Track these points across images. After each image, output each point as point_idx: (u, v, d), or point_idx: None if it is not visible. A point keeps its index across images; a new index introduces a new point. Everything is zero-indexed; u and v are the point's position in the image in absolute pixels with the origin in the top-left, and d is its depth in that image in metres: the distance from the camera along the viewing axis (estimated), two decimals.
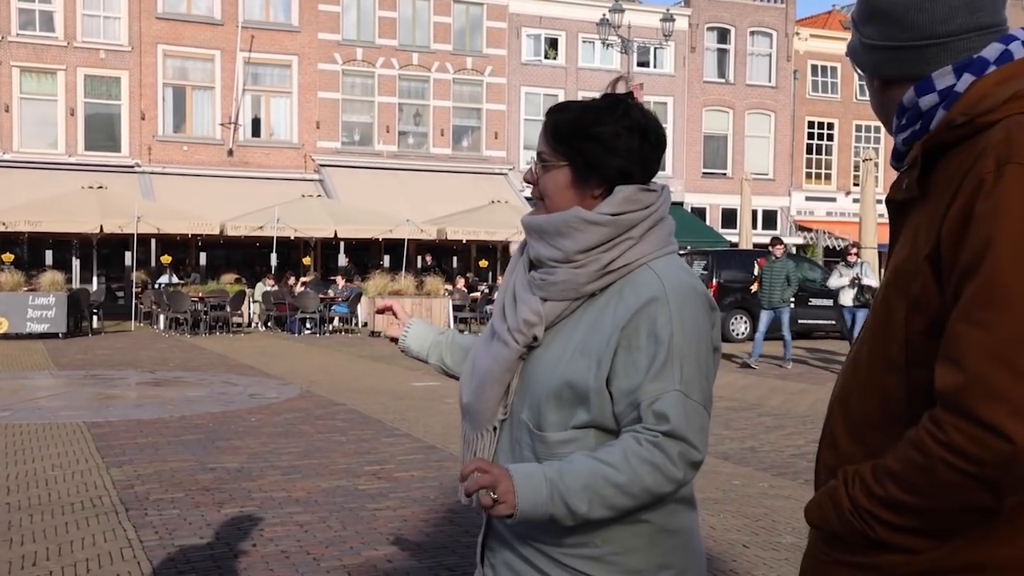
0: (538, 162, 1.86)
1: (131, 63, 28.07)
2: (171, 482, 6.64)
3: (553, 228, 1.80)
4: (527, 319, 1.80)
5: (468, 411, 1.92)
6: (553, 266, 1.80)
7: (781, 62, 36.03)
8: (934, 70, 1.45)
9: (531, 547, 1.82)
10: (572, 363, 1.75)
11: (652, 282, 1.74)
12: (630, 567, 1.77)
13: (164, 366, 14.41)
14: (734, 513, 6.00)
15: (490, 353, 1.88)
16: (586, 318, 1.78)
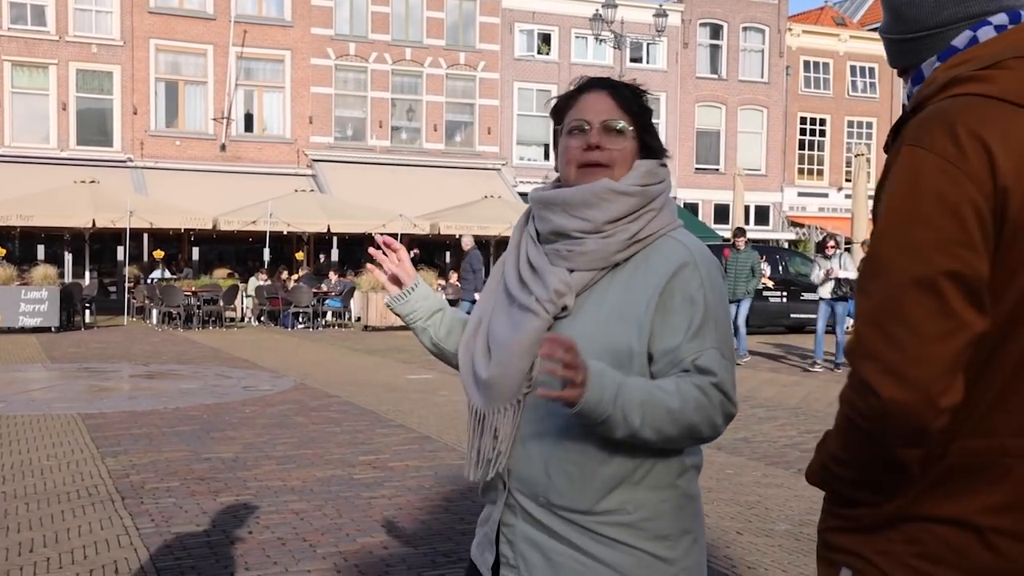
0: (605, 129, 1.86)
1: (123, 57, 28.01)
2: (166, 471, 6.66)
3: (580, 200, 1.83)
4: (557, 289, 1.81)
5: (488, 386, 1.87)
6: (579, 237, 1.83)
7: (773, 58, 36.09)
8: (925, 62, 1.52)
9: (560, 518, 1.81)
10: (612, 329, 1.79)
11: (679, 249, 1.83)
12: (659, 532, 1.82)
13: (157, 359, 14.41)
14: (728, 501, 6.03)
15: (514, 325, 1.85)
16: (614, 286, 1.82)
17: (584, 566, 1.80)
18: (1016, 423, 1.38)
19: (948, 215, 1.33)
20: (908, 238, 1.35)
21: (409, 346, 16.73)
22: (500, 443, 1.85)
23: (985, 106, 1.37)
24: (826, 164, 37.31)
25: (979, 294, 1.33)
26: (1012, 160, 1.33)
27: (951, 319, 1.32)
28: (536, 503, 1.83)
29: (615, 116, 1.86)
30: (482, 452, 1.89)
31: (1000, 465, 1.38)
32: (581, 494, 1.78)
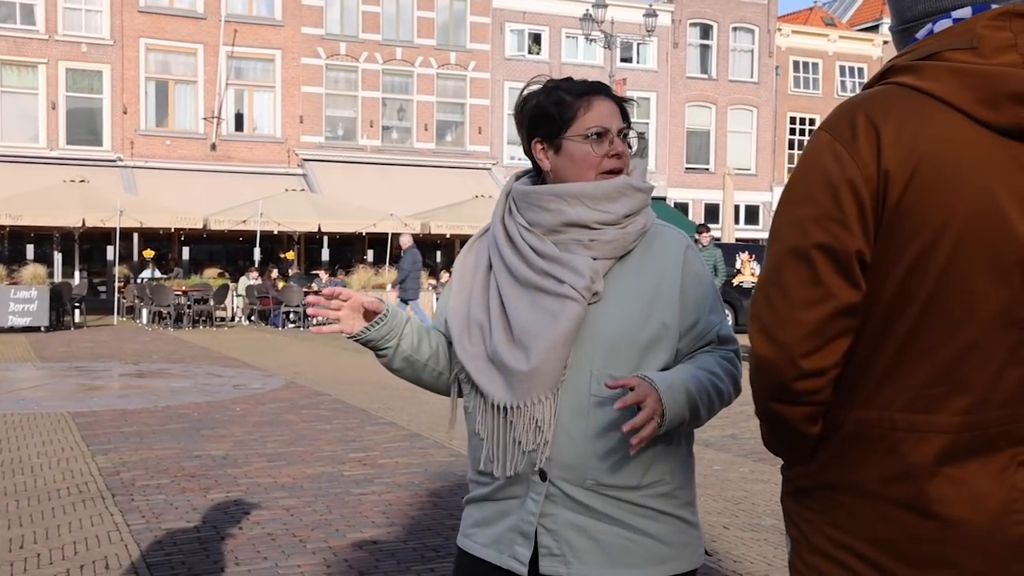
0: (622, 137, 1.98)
1: (113, 57, 27.95)
2: (157, 469, 6.68)
3: (602, 194, 1.92)
4: (592, 276, 1.89)
5: (529, 377, 1.86)
6: (599, 228, 1.91)
7: (763, 58, 36.19)
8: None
9: (607, 498, 1.87)
10: (648, 309, 1.90)
11: (676, 235, 2.02)
12: (687, 499, 1.97)
13: (148, 358, 14.40)
14: (715, 496, 6.08)
15: (550, 314, 1.87)
16: (627, 273, 1.93)
17: (631, 540, 1.88)
18: (904, 398, 1.43)
19: (828, 192, 1.43)
20: (795, 212, 1.47)
21: None
22: (544, 433, 1.86)
23: (895, 95, 1.44)
24: None
25: (848, 268, 1.43)
26: (899, 148, 1.39)
27: (819, 288, 1.43)
28: (583, 487, 1.86)
29: (624, 125, 1.98)
30: (522, 445, 1.88)
31: (891, 437, 1.44)
32: (631, 470, 1.87)
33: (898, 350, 1.43)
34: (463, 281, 2.03)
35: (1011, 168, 1.39)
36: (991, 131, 1.39)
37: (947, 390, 1.41)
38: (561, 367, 1.86)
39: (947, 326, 1.40)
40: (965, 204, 1.37)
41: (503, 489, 1.94)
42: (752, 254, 21.94)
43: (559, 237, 1.92)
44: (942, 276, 1.39)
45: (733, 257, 21.74)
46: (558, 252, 1.90)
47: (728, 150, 35.50)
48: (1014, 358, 1.41)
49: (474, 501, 2.03)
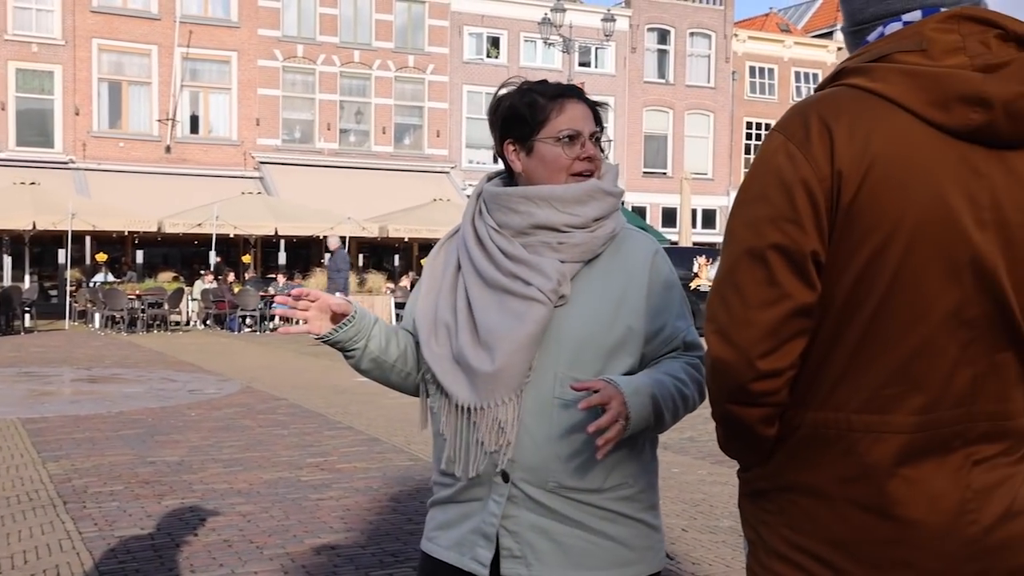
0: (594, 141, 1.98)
1: (65, 57, 27.52)
2: (110, 475, 6.57)
3: (572, 196, 1.92)
4: (559, 279, 1.89)
5: (493, 379, 1.87)
6: (567, 231, 1.91)
7: (720, 63, 36.52)
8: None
9: (569, 500, 1.86)
10: (614, 313, 1.90)
11: (645, 240, 2.00)
12: (650, 502, 1.97)
13: (100, 363, 14.18)
14: (673, 499, 6.10)
15: (516, 316, 1.87)
16: (595, 276, 1.93)
17: (592, 543, 1.88)
18: (860, 399, 1.44)
19: (782, 193, 1.42)
20: (750, 213, 1.46)
21: None
22: (507, 434, 1.86)
23: (847, 96, 1.45)
24: None
25: (804, 268, 1.42)
26: (852, 148, 1.40)
27: (775, 288, 1.42)
28: (545, 489, 1.86)
29: (597, 128, 1.98)
30: (484, 445, 1.88)
31: (847, 438, 1.44)
32: (594, 473, 1.86)
33: (853, 351, 1.43)
34: (432, 281, 2.03)
35: (961, 169, 1.40)
36: (941, 132, 1.40)
37: (902, 390, 1.41)
38: (525, 369, 1.86)
39: (901, 326, 1.41)
40: (917, 205, 1.38)
41: (466, 491, 1.94)
42: (709, 258, 22.10)
43: (528, 239, 1.92)
44: (895, 276, 1.40)
45: (690, 261, 21.90)
46: (526, 254, 1.90)
47: (685, 154, 35.76)
48: (965, 357, 1.42)
49: (438, 504, 2.02)
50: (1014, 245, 1.42)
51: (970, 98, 1.39)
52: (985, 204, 1.40)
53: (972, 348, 1.42)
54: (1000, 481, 1.45)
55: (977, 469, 1.44)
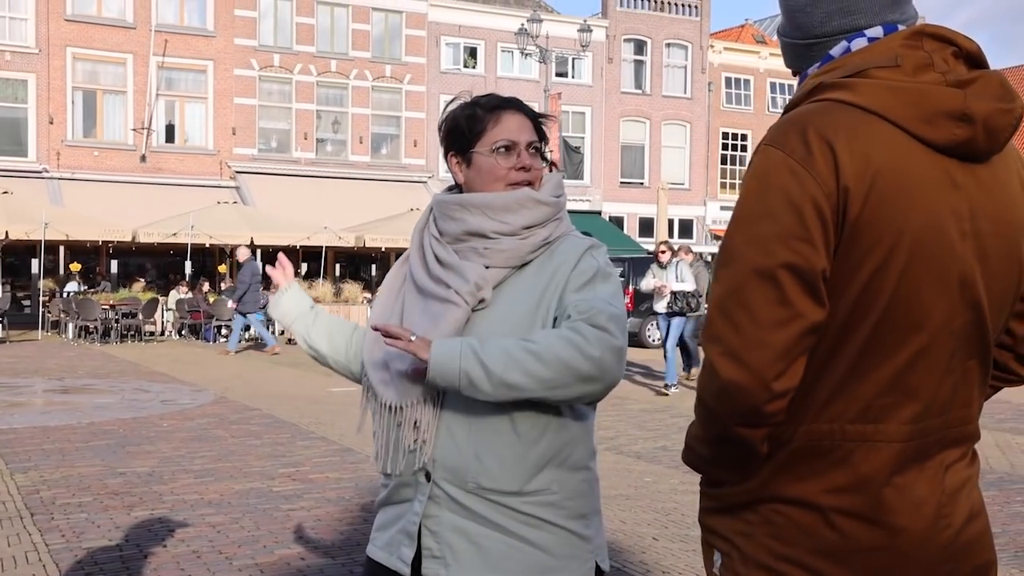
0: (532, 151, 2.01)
1: (38, 66, 27.33)
2: (79, 487, 6.51)
3: (502, 205, 1.96)
4: (477, 282, 1.92)
5: (408, 379, 1.93)
6: (495, 237, 1.95)
7: (696, 74, 36.72)
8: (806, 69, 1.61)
9: (488, 502, 1.88)
10: (527, 320, 1.90)
11: (578, 242, 2.00)
12: (579, 511, 1.94)
13: (72, 374, 14.06)
14: (645, 508, 6.11)
15: (433, 317, 1.93)
16: (522, 282, 1.95)
17: (512, 547, 1.88)
18: (855, 410, 1.46)
19: (790, 211, 1.41)
20: (755, 230, 1.43)
21: None
22: (423, 432, 1.92)
23: (839, 111, 1.45)
24: None
25: (815, 286, 1.41)
26: (855, 163, 1.41)
27: (787, 308, 1.40)
28: (464, 489, 1.89)
29: (536, 138, 2.01)
30: (401, 445, 1.95)
31: (841, 449, 1.46)
32: (513, 475, 1.87)
33: (852, 363, 1.44)
34: (387, 288, 2.12)
35: (944, 182, 1.44)
36: (925, 147, 1.43)
37: (897, 400, 1.44)
38: None
39: (898, 337, 1.43)
40: (914, 218, 1.41)
41: (398, 491, 2.01)
42: None
43: (460, 246, 1.98)
44: (896, 289, 1.41)
45: None
46: (454, 259, 1.97)
47: (662, 165, 35.90)
48: (951, 366, 1.47)
49: (380, 506, 2.09)
50: (988, 255, 1.47)
51: (955, 114, 1.42)
52: (965, 216, 1.44)
53: (955, 357, 1.47)
54: (963, 484, 1.51)
55: (948, 473, 1.49)
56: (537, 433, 1.88)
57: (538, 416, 1.88)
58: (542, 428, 1.88)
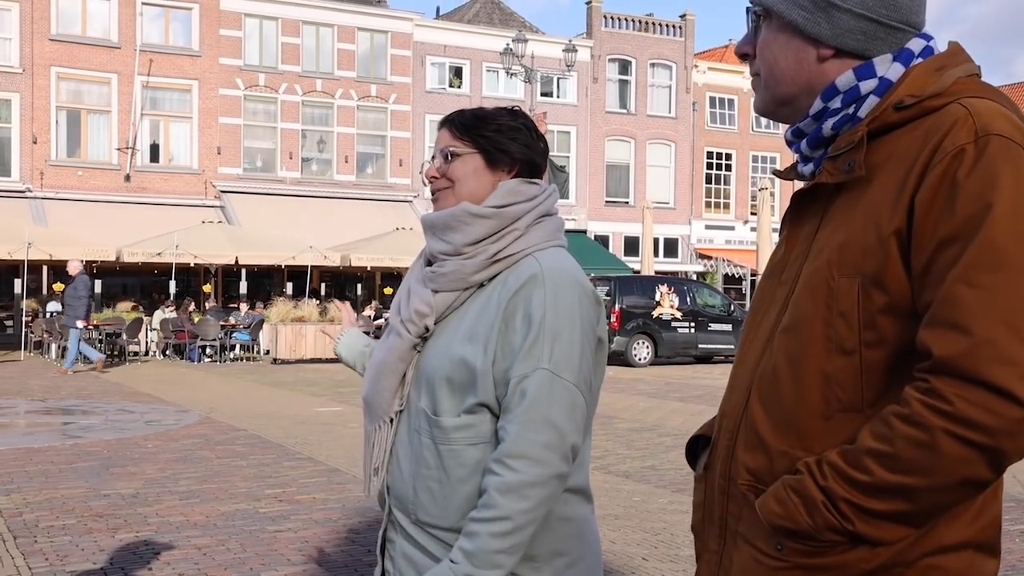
0: (442, 156, 1.94)
1: (22, 85, 27.25)
2: (62, 509, 6.44)
3: (442, 223, 1.89)
4: (418, 310, 1.88)
5: (367, 404, 1.97)
6: (443, 259, 1.89)
7: (680, 94, 36.92)
8: (878, 55, 1.44)
9: (428, 535, 1.84)
10: (461, 348, 1.80)
11: (531, 266, 1.81)
12: (527, 553, 1.77)
13: (56, 394, 13.94)
14: (635, 528, 6.09)
15: (386, 345, 1.95)
16: (474, 306, 1.85)
17: None
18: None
19: None
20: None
21: (318, 379, 16.52)
22: (376, 459, 1.94)
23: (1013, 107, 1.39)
24: (732, 198, 38.20)
25: None
26: None
27: None
28: (409, 519, 1.87)
29: (447, 143, 1.94)
30: (366, 467, 1.99)
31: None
32: (444, 511, 1.80)
33: None
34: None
35: None
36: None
37: None
38: (387, 398, 1.91)
39: None
40: None
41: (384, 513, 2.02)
42: (671, 286, 22.24)
43: (427, 269, 1.95)
44: None
45: (653, 289, 22.02)
46: (414, 285, 1.95)
47: (647, 184, 36.03)
48: None
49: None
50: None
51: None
52: None
53: None
54: None
55: None
56: (465, 472, 1.78)
57: (465, 453, 1.78)
58: (471, 467, 1.77)
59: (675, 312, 21.77)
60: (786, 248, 1.54)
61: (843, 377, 1.36)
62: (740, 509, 1.46)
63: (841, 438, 1.35)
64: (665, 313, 21.69)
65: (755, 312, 1.57)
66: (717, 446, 1.54)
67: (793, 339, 1.41)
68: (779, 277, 1.52)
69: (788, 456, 1.39)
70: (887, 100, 1.41)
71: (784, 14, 1.47)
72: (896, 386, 1.32)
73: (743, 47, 1.56)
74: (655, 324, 21.58)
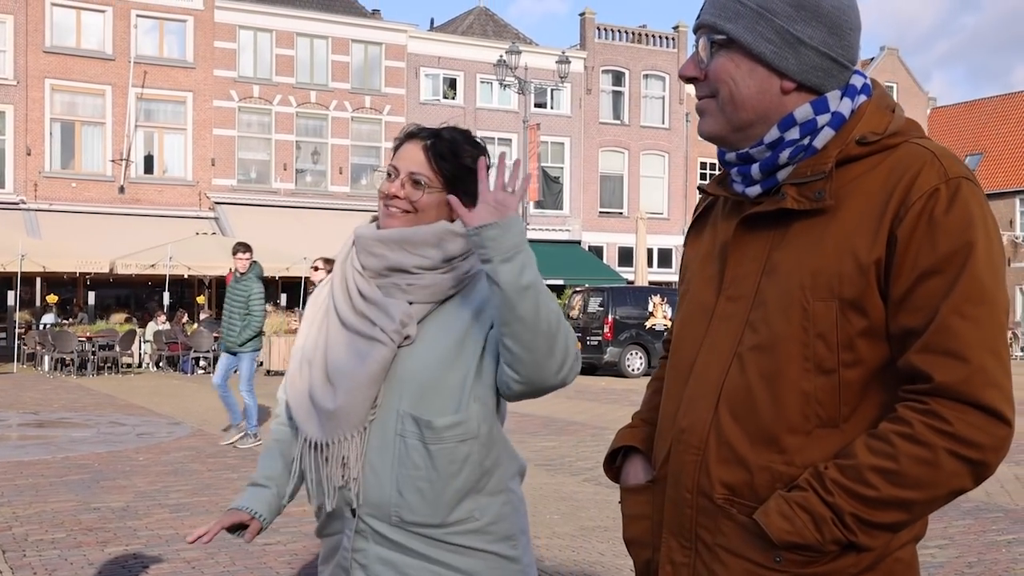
0: (410, 181, 1.97)
1: (16, 97, 27.27)
2: (52, 523, 6.43)
3: (422, 239, 1.95)
4: (403, 320, 1.92)
5: (334, 416, 1.92)
6: (418, 272, 1.95)
7: (674, 105, 37.04)
8: (830, 90, 1.52)
9: (412, 534, 1.89)
10: (454, 351, 1.92)
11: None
12: (504, 533, 1.96)
13: (48, 407, 13.92)
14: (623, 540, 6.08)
15: (359, 355, 1.93)
16: (446, 316, 1.96)
17: (439, 575, 1.90)
18: None
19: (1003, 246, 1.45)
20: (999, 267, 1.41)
21: None
22: (351, 470, 1.92)
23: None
24: None
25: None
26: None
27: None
28: (388, 523, 1.91)
29: (420, 171, 1.97)
30: (330, 481, 1.94)
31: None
32: (433, 509, 1.89)
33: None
34: (310, 318, 2.11)
35: None
36: None
37: None
38: (367, 407, 1.92)
39: None
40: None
41: (329, 524, 2.02)
42: (664, 297, 22.26)
43: (383, 281, 1.98)
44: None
45: (646, 300, 22.04)
46: (377, 295, 1.96)
47: (641, 194, 36.11)
48: None
49: (319, 535, 2.09)
50: None
51: None
52: None
53: None
54: None
55: None
56: (456, 468, 1.89)
57: (456, 450, 1.89)
58: (461, 462, 1.90)
59: (668, 323, 21.75)
60: (731, 263, 1.58)
61: (822, 395, 1.44)
62: (716, 523, 1.50)
63: (821, 451, 1.44)
64: (658, 324, 21.72)
65: (693, 323, 1.61)
66: (674, 460, 1.57)
67: (767, 358, 1.47)
68: (725, 291, 1.57)
69: (769, 470, 1.46)
70: (848, 134, 1.51)
71: (750, 46, 1.51)
72: (868, 402, 1.45)
73: (691, 70, 1.58)
74: (648, 335, 21.60)
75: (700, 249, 1.69)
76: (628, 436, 1.77)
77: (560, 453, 9.73)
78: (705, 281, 1.62)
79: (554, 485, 7.94)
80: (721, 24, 1.52)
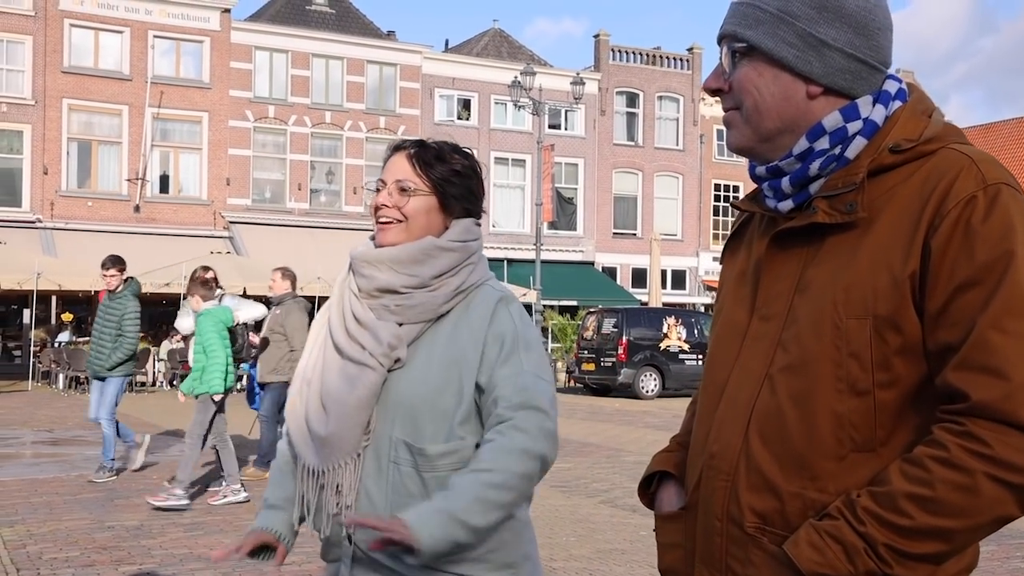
0: (398, 189, 1.96)
1: (34, 117, 27.48)
2: (66, 541, 6.40)
3: (408, 257, 1.93)
4: (391, 343, 1.89)
5: (327, 443, 1.90)
6: (407, 292, 1.92)
7: (688, 126, 37.07)
8: (861, 95, 1.46)
9: (407, 564, 1.84)
10: (443, 376, 1.87)
11: (494, 293, 1.96)
12: (504, 561, 1.90)
13: (62, 425, 13.94)
14: (640, 563, 6.03)
15: (349, 380, 1.90)
16: (440, 336, 1.92)
17: None
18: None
19: None
20: None
21: None
22: (345, 497, 1.90)
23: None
24: None
25: None
26: None
27: None
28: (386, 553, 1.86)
29: (407, 177, 1.96)
30: (325, 508, 1.92)
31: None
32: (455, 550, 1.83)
33: None
34: (313, 339, 2.08)
35: None
36: None
37: None
38: (359, 433, 1.89)
39: None
40: None
41: (329, 549, 1.99)
42: (679, 318, 22.19)
43: (374, 303, 1.95)
44: None
45: (660, 321, 21.97)
46: (369, 318, 1.93)
47: (655, 216, 36.10)
48: None
49: (323, 558, 2.06)
50: None
51: None
52: None
53: None
54: None
55: None
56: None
57: (450, 478, 1.84)
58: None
59: (683, 344, 21.71)
60: (764, 282, 1.51)
61: (856, 418, 1.36)
62: (746, 552, 1.44)
63: (856, 477, 1.36)
64: (673, 345, 21.63)
65: (726, 344, 1.55)
66: (704, 486, 1.51)
67: (798, 379, 1.40)
68: (758, 311, 1.51)
69: (801, 497, 1.38)
70: (880, 142, 1.43)
71: (772, 51, 1.46)
72: (905, 424, 1.36)
73: (715, 82, 1.54)
74: (662, 356, 21.53)
75: (735, 267, 1.63)
76: (663, 461, 1.70)
77: (575, 475, 9.67)
78: (739, 300, 1.56)
79: (570, 507, 7.87)
80: (741, 32, 1.48)
